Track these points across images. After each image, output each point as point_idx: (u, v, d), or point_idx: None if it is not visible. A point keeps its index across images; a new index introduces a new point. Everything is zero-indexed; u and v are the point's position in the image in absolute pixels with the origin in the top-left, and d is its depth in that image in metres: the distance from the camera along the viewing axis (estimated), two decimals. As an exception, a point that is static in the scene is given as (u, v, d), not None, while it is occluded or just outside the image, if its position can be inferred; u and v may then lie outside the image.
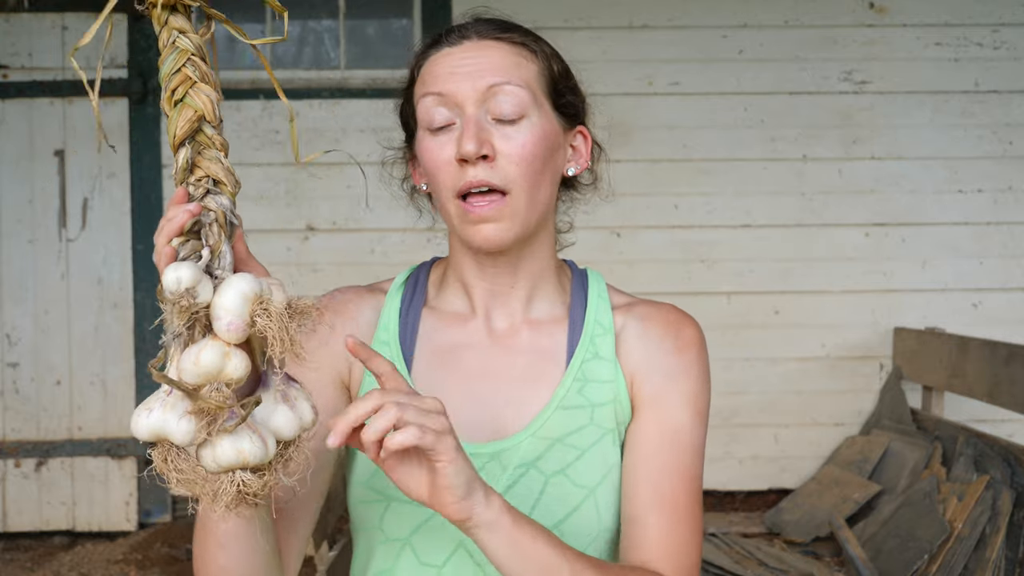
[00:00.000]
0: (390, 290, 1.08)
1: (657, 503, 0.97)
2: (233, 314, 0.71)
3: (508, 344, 1.04)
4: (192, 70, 0.76)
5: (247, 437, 0.71)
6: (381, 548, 1.00)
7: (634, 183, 3.57)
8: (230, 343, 0.71)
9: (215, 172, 0.77)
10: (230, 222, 0.77)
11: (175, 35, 0.77)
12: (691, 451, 1.00)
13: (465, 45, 0.98)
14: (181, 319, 0.71)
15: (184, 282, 0.70)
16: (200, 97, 0.77)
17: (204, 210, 0.75)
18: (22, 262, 3.61)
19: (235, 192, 0.78)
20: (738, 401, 3.68)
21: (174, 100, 0.76)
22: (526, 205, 0.97)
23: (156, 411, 0.71)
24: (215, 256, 0.75)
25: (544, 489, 0.98)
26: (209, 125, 0.77)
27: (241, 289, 0.71)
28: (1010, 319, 3.69)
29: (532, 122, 0.97)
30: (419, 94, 0.99)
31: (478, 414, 1.01)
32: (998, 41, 3.67)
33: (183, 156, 0.77)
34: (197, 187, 0.76)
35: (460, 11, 3.45)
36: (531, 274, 1.04)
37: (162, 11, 0.76)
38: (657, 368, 1.01)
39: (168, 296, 0.70)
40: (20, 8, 3.52)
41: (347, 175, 3.60)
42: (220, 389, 0.70)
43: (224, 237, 0.76)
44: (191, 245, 0.74)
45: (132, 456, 3.59)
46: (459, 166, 0.95)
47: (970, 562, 2.62)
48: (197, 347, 0.71)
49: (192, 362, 0.70)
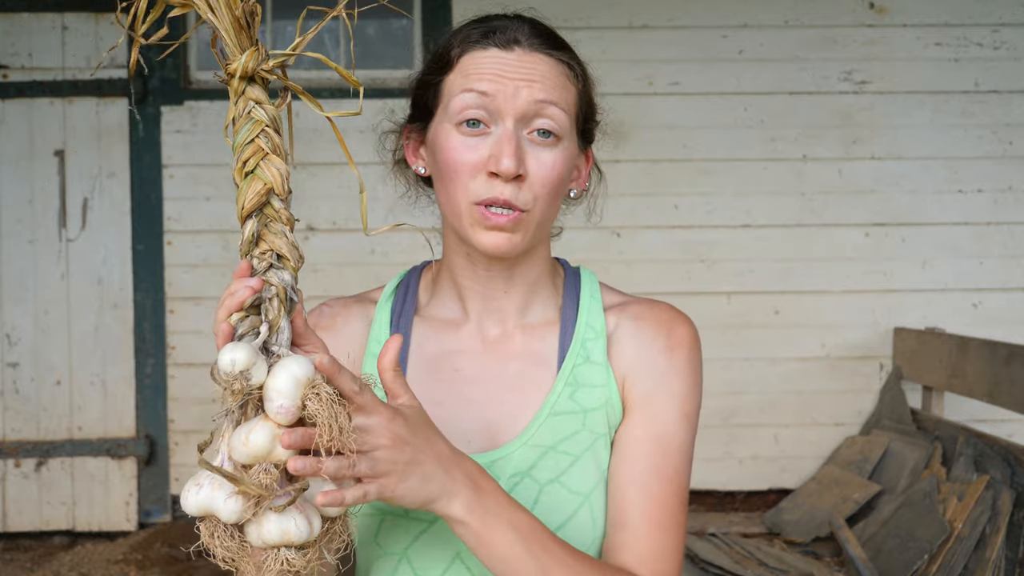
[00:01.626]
0: (380, 300, 1.07)
1: (642, 508, 0.96)
2: (285, 397, 0.71)
3: (501, 350, 1.03)
4: (265, 141, 0.77)
5: (293, 517, 0.72)
6: (378, 562, 0.99)
7: (634, 183, 3.57)
8: (280, 425, 0.72)
9: (279, 247, 0.77)
10: (290, 298, 0.76)
11: (251, 105, 0.77)
12: (678, 454, 0.98)
13: (517, 52, 0.95)
14: (235, 399, 0.71)
15: (239, 364, 0.70)
16: (271, 170, 0.77)
17: (265, 284, 0.75)
18: (22, 262, 3.61)
19: (297, 268, 0.78)
20: (738, 401, 3.68)
21: (245, 171, 0.76)
22: (539, 222, 0.97)
23: (205, 488, 0.71)
24: (273, 332, 0.75)
25: (539, 498, 0.97)
26: (277, 198, 0.78)
27: (294, 373, 0.71)
28: (1010, 319, 3.69)
29: (564, 146, 0.97)
30: (457, 87, 0.96)
31: (472, 423, 1.00)
32: (998, 41, 3.67)
33: (249, 228, 0.76)
34: (261, 260, 0.76)
35: (460, 11, 3.46)
36: (525, 280, 1.03)
37: (239, 81, 0.76)
38: (648, 369, 1.00)
39: (222, 377, 0.70)
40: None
41: (347, 175, 3.60)
42: (268, 470, 0.71)
43: (283, 313, 0.75)
44: (250, 321, 0.74)
45: (132, 456, 3.59)
46: (487, 177, 0.93)
47: (970, 562, 2.62)
48: (248, 427, 0.71)
49: (242, 442, 0.71)
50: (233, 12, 0.75)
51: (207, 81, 3.67)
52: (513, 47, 0.95)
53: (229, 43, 0.76)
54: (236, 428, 0.72)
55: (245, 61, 0.76)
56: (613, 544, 0.97)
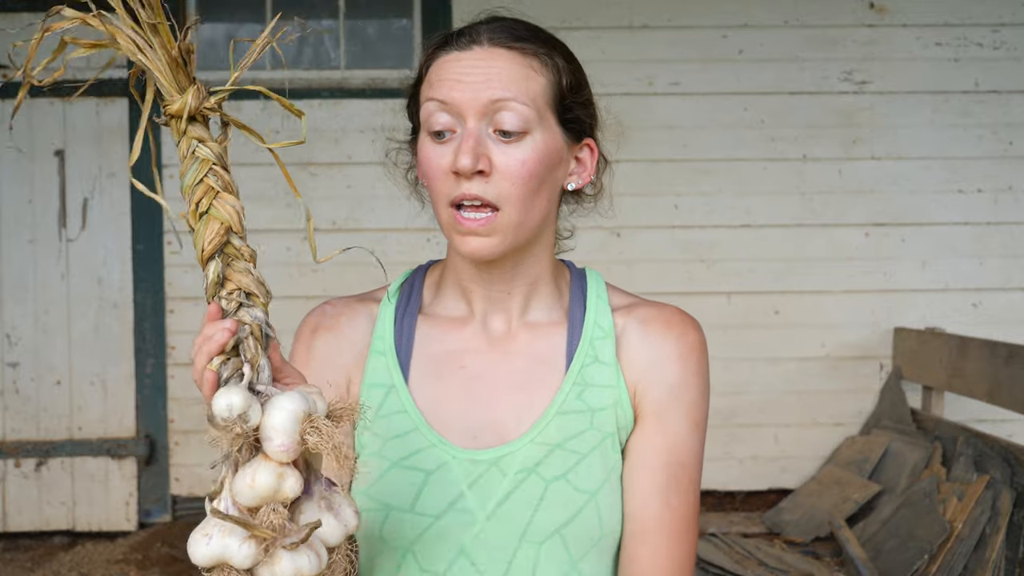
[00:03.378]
0: (384, 298, 1.07)
1: (659, 520, 0.98)
2: (284, 435, 0.71)
3: (506, 348, 1.03)
4: (214, 180, 0.75)
5: (304, 554, 0.72)
6: (382, 557, 0.99)
7: (634, 183, 3.56)
8: (282, 463, 0.71)
9: (246, 284, 0.76)
10: (265, 334, 0.76)
11: (195, 144, 0.76)
12: (691, 464, 1.01)
13: (474, 51, 0.96)
14: (234, 444, 0.71)
15: (236, 409, 0.70)
16: (225, 208, 0.75)
17: (239, 324, 0.75)
18: (22, 262, 3.61)
19: (267, 303, 0.77)
20: (738, 401, 3.67)
21: (199, 212, 0.75)
22: (517, 221, 0.96)
23: (215, 538, 0.71)
24: (255, 371, 0.74)
25: (544, 495, 0.97)
26: (236, 236, 0.76)
27: (291, 410, 0.71)
28: (1010, 319, 3.69)
29: (534, 139, 0.96)
30: (424, 97, 0.98)
31: (478, 419, 1.00)
32: (998, 41, 3.67)
33: (214, 270, 0.75)
34: (229, 301, 0.75)
35: (460, 11, 3.46)
36: (528, 280, 1.03)
37: (180, 121, 0.75)
38: (660, 377, 1.01)
39: (220, 423, 0.70)
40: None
41: (347, 175, 3.60)
42: (277, 510, 0.70)
43: (261, 350, 0.75)
44: (232, 364, 0.74)
45: (132, 456, 3.59)
46: (455, 177, 0.94)
47: (970, 562, 2.62)
48: (250, 469, 0.71)
49: (248, 485, 0.70)
50: (169, 52, 0.74)
51: (207, 81, 3.65)
52: (472, 46, 0.96)
53: (166, 83, 0.75)
54: (237, 472, 0.72)
55: (187, 101, 0.75)
56: (631, 555, 0.99)
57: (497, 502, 0.97)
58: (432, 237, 3.54)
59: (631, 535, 0.99)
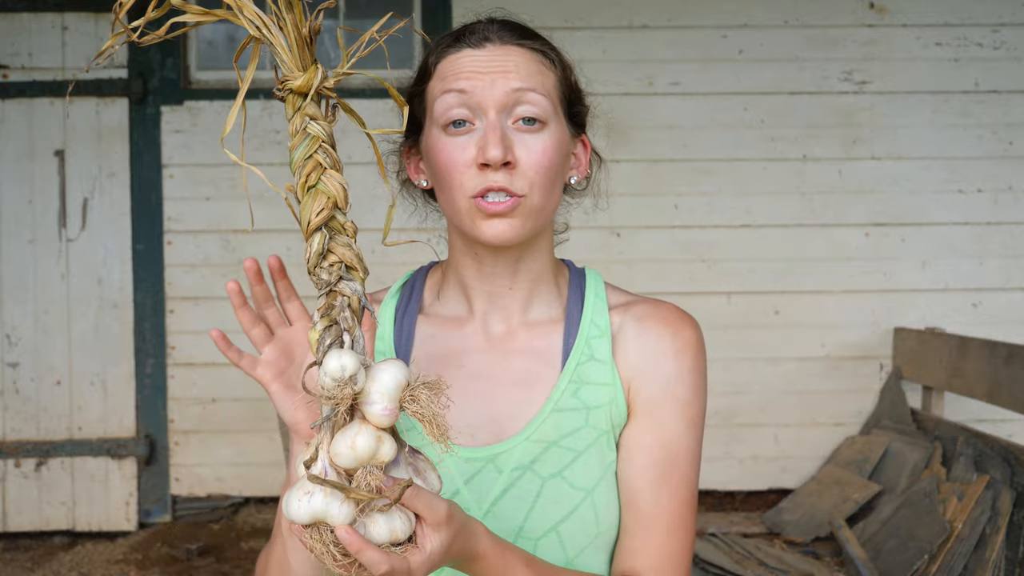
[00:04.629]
0: (384, 298, 1.09)
1: (652, 516, 0.98)
2: (389, 400, 0.73)
3: (505, 347, 1.04)
4: (323, 156, 0.78)
5: (397, 515, 0.74)
6: None
7: (634, 183, 3.56)
8: (380, 427, 0.74)
9: (348, 258, 0.79)
10: (363, 307, 0.78)
11: (307, 121, 0.78)
12: (685, 461, 1.01)
13: (488, 48, 0.98)
14: (342, 405, 0.73)
15: (348, 370, 0.72)
16: (332, 183, 0.78)
17: (339, 295, 0.77)
18: (22, 262, 3.61)
19: (365, 278, 0.79)
20: (738, 401, 3.68)
21: (307, 186, 0.78)
22: (538, 209, 0.98)
23: (317, 495, 0.73)
24: (353, 340, 0.76)
25: (541, 492, 0.98)
26: (340, 211, 0.79)
27: (396, 377, 0.74)
28: (1010, 319, 3.69)
29: (551, 131, 0.98)
30: (438, 91, 0.98)
31: (475, 418, 1.01)
32: (998, 41, 3.67)
33: (318, 242, 0.78)
34: (331, 273, 0.78)
35: (460, 11, 3.46)
36: (530, 275, 1.04)
37: (296, 97, 0.78)
38: (655, 373, 1.01)
39: (332, 383, 0.72)
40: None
41: (355, 173, 3.58)
42: (373, 472, 0.73)
43: (357, 322, 0.77)
44: (334, 331, 0.76)
45: (132, 456, 3.59)
46: (479, 169, 0.95)
47: (970, 562, 2.62)
48: (350, 433, 0.73)
49: (348, 447, 0.73)
50: (300, 31, 0.76)
51: (207, 81, 3.67)
52: (484, 44, 0.98)
53: (288, 61, 0.77)
54: (336, 435, 0.74)
55: (308, 79, 0.77)
56: (625, 550, 0.99)
57: (493, 499, 0.98)
58: (432, 237, 3.54)
59: (622, 530, 1.00)
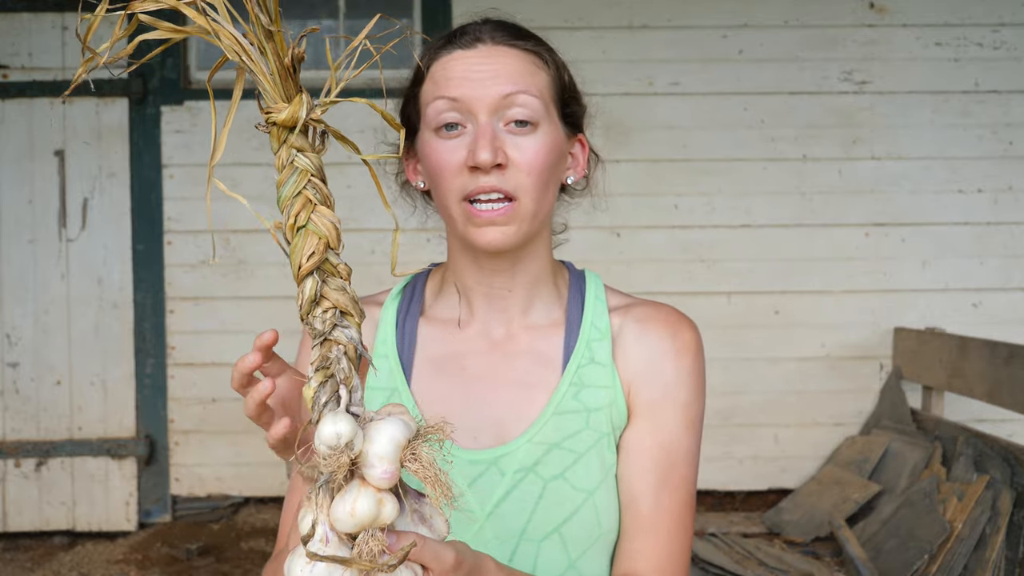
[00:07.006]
0: (386, 301, 1.09)
1: (651, 517, 0.99)
2: (388, 462, 0.70)
3: (506, 349, 1.04)
4: (313, 192, 0.72)
5: (403, 572, 0.72)
6: None
7: (634, 183, 3.56)
8: (381, 489, 0.71)
9: (343, 303, 0.73)
10: (360, 354, 0.74)
11: (294, 154, 0.73)
12: (685, 463, 1.01)
13: (479, 49, 0.97)
14: (340, 471, 0.70)
15: (344, 437, 0.69)
16: (323, 222, 0.72)
17: (334, 344, 0.73)
18: (22, 262, 3.61)
19: (360, 322, 0.74)
20: (738, 401, 3.68)
21: (296, 226, 0.72)
22: (532, 212, 0.97)
23: (319, 567, 0.70)
24: (349, 393, 0.73)
25: (543, 494, 0.98)
26: (333, 252, 0.73)
27: (394, 437, 0.70)
28: (1010, 319, 3.69)
29: (544, 131, 0.97)
30: (430, 96, 0.99)
31: (477, 420, 1.01)
32: (998, 41, 3.67)
33: (310, 288, 0.72)
34: (324, 321, 0.73)
35: (460, 11, 3.46)
36: (529, 277, 1.04)
37: (281, 130, 0.72)
38: (654, 375, 1.01)
39: (328, 452, 0.69)
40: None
41: (347, 175, 3.60)
42: (375, 535, 0.70)
43: (354, 371, 0.73)
44: (329, 386, 0.72)
45: (132, 456, 3.59)
46: (470, 172, 0.95)
47: (970, 562, 2.62)
48: (349, 496, 0.70)
49: (348, 513, 0.70)
50: (281, 60, 0.71)
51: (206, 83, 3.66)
52: (476, 45, 0.98)
53: (271, 90, 0.72)
54: (335, 499, 0.71)
55: (293, 111, 0.72)
56: (625, 552, 1.00)
57: (496, 501, 0.98)
58: (432, 238, 3.54)
59: (623, 531, 1.00)
